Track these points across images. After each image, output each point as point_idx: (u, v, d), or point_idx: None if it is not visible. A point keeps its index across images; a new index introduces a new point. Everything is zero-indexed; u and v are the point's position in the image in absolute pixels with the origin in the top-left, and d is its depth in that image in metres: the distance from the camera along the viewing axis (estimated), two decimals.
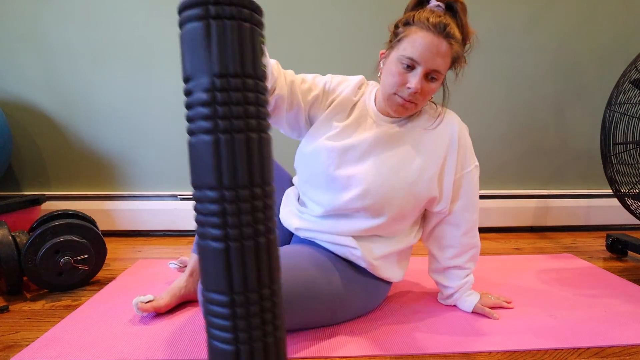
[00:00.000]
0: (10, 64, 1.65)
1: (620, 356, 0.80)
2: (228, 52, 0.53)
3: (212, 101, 0.53)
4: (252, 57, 0.55)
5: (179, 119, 1.69)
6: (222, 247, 0.56)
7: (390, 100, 0.88)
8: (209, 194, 0.55)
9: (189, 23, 0.53)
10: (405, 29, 0.85)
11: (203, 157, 0.55)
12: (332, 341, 0.85)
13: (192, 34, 0.53)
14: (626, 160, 1.26)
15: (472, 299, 0.99)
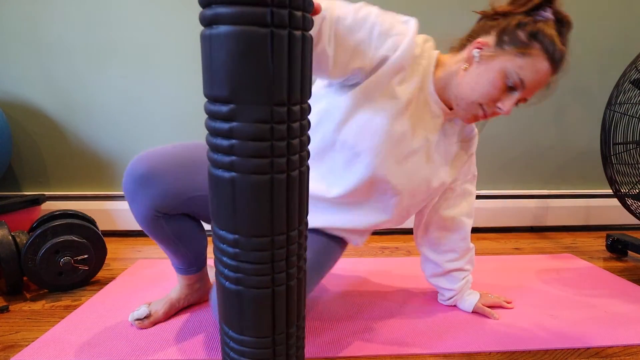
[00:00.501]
0: (10, 64, 1.65)
1: (620, 356, 0.80)
2: (292, 75, 0.42)
3: (269, 136, 0.42)
4: (310, 77, 0.46)
5: (179, 118, 1.69)
6: (268, 293, 0.49)
7: (469, 107, 0.77)
8: (254, 241, 0.47)
9: (234, 25, 0.41)
10: (530, 44, 0.73)
11: (249, 199, 0.45)
12: (332, 341, 0.85)
13: (246, 43, 0.40)
14: (626, 160, 1.26)
15: (472, 298, 0.99)
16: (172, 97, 1.68)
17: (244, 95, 0.41)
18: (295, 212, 0.48)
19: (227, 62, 0.39)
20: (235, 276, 0.49)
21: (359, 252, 1.46)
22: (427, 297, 1.07)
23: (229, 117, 0.43)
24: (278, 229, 0.47)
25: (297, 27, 0.42)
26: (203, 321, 0.93)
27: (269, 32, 0.39)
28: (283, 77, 0.41)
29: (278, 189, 0.45)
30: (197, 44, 1.65)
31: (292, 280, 0.51)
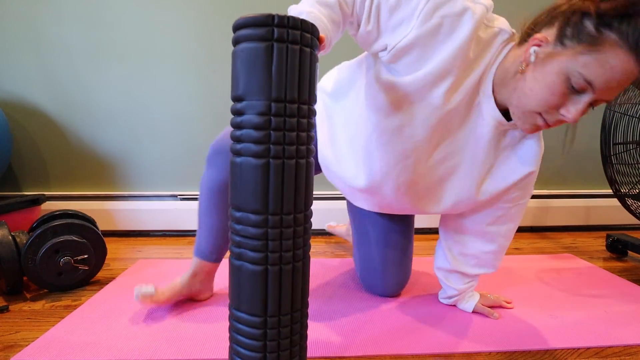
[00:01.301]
0: (10, 64, 1.65)
1: (620, 356, 0.80)
2: (287, 77, 0.52)
3: (267, 126, 0.52)
4: (309, 83, 0.54)
5: (179, 118, 1.69)
6: (260, 270, 0.55)
7: (525, 116, 0.68)
8: (251, 217, 0.54)
9: (248, 43, 0.52)
10: (600, 37, 0.58)
11: (250, 180, 0.53)
12: (332, 341, 0.85)
13: (252, 55, 0.51)
14: (626, 160, 1.26)
15: (472, 299, 0.99)
16: (172, 97, 1.68)
17: (251, 93, 0.51)
18: (290, 197, 0.54)
19: (242, 70, 0.52)
20: (238, 251, 0.56)
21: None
22: (427, 297, 1.07)
23: (240, 112, 0.53)
24: (272, 209, 0.54)
25: (295, 41, 0.52)
26: (203, 321, 0.93)
27: (270, 45, 0.50)
28: (281, 79, 0.51)
29: (275, 172, 0.52)
30: (197, 44, 1.66)
31: (288, 265, 0.56)
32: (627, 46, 0.57)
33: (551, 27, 0.67)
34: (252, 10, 1.62)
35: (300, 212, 0.56)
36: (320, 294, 1.09)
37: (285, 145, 0.53)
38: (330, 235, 1.69)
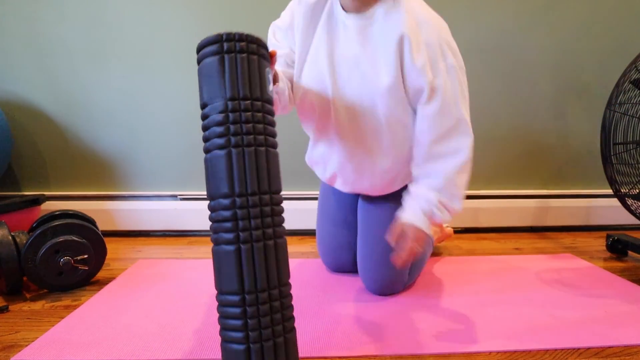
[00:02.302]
0: (10, 64, 1.65)
1: (620, 356, 0.80)
2: (238, 79, 0.62)
3: (226, 121, 0.61)
4: (259, 83, 0.64)
5: (179, 118, 1.69)
6: (233, 249, 0.60)
7: None
8: (222, 202, 0.60)
9: (205, 59, 0.63)
10: None
11: (217, 170, 0.61)
12: (332, 341, 0.85)
13: (208, 68, 0.63)
14: (626, 160, 1.26)
15: (411, 214, 0.91)
16: (172, 97, 1.68)
17: (211, 98, 0.64)
18: (253, 179, 0.62)
19: (204, 81, 0.65)
20: (215, 237, 0.62)
21: None
22: (427, 296, 1.07)
23: (206, 115, 0.65)
24: (238, 191, 0.60)
25: (242, 51, 0.63)
26: (203, 321, 0.93)
27: (222, 57, 0.62)
28: (234, 81, 0.62)
29: (237, 158, 0.60)
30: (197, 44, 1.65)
31: (259, 242, 0.61)
32: None
33: None
34: (251, 10, 1.62)
35: (265, 193, 0.63)
36: (321, 294, 1.09)
37: (243, 135, 0.62)
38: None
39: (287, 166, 1.71)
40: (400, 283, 1.07)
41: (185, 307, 1.00)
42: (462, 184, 0.90)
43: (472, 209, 1.71)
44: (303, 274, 1.23)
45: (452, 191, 0.90)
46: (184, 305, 1.02)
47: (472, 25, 1.66)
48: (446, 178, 0.90)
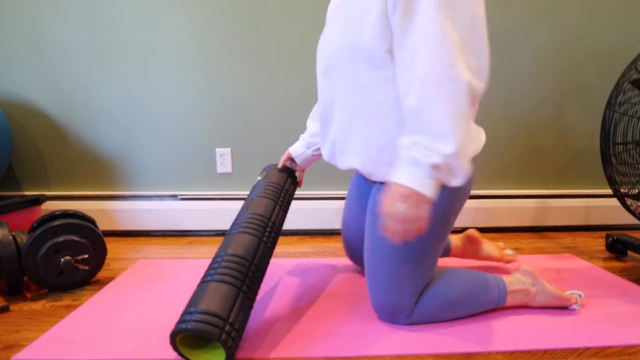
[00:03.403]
0: (10, 64, 1.65)
1: (620, 356, 0.80)
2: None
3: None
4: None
5: (180, 118, 1.69)
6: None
7: None
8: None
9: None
10: None
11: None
12: (332, 341, 0.85)
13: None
14: (626, 160, 1.26)
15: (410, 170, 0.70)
16: (172, 97, 1.68)
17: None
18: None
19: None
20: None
21: None
22: None
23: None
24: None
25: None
26: None
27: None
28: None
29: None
30: (197, 44, 1.66)
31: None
32: None
33: None
34: (251, 10, 1.62)
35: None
36: (322, 294, 1.09)
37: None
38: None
39: None
40: (401, 311, 0.89)
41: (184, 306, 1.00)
42: (435, 109, 0.67)
43: (473, 208, 1.72)
44: (303, 274, 1.23)
45: (424, 125, 0.68)
46: (184, 305, 1.02)
47: None
48: (408, 109, 0.69)
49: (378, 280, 0.89)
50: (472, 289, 0.92)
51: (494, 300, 0.94)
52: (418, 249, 0.87)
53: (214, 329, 0.70)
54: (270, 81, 1.67)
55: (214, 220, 1.69)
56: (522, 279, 0.98)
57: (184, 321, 0.71)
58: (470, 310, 0.93)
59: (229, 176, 1.74)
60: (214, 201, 1.72)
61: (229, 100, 1.68)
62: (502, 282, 0.96)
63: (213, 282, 0.78)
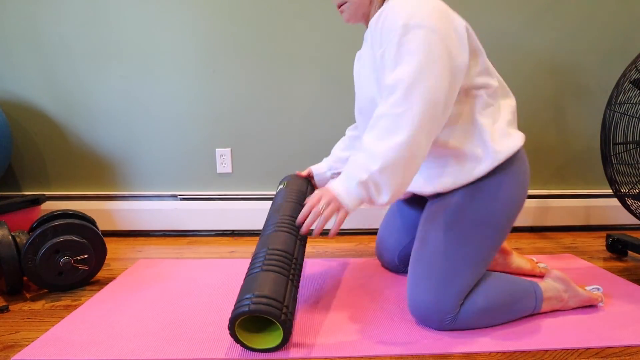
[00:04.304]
0: (10, 64, 1.65)
1: (620, 356, 0.80)
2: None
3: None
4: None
5: (179, 118, 1.69)
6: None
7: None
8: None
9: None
10: None
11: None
12: (332, 341, 0.85)
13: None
14: (626, 160, 1.26)
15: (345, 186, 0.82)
16: (172, 97, 1.68)
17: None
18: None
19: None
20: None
21: (358, 252, 1.46)
22: None
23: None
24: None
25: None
26: (203, 321, 0.93)
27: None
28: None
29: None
30: (197, 44, 1.66)
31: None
32: None
33: None
34: (251, 11, 1.62)
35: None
36: (324, 294, 1.09)
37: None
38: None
39: (292, 168, 1.71)
40: (445, 312, 0.86)
41: (185, 307, 1.00)
42: (381, 141, 0.77)
43: None
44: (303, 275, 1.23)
45: (365, 145, 0.80)
46: (184, 305, 1.02)
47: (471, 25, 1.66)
48: (365, 137, 0.81)
49: (425, 277, 0.88)
50: (514, 295, 0.92)
51: (531, 308, 0.94)
52: (476, 249, 0.88)
53: (275, 310, 0.74)
54: (271, 81, 1.67)
55: (214, 220, 1.69)
56: (555, 285, 0.98)
57: (244, 305, 0.75)
58: (509, 317, 0.92)
59: (229, 176, 1.74)
60: (214, 201, 1.72)
61: (229, 100, 1.68)
62: (539, 288, 0.95)
63: (262, 272, 0.81)
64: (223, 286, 1.14)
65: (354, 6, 0.93)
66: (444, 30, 0.79)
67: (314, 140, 1.71)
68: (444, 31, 0.79)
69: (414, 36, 0.77)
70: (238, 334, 0.79)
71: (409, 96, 0.76)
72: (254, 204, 1.70)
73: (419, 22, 0.77)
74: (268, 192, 1.74)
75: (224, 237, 1.70)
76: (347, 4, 0.93)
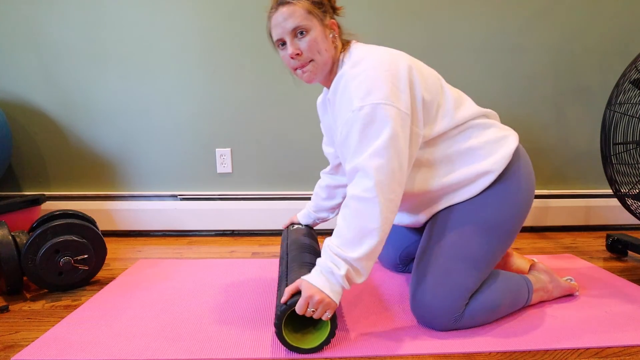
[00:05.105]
0: (10, 64, 1.65)
1: (620, 356, 0.80)
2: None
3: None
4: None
5: (179, 119, 1.69)
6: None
7: (297, 77, 0.94)
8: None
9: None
10: (269, 30, 0.92)
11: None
12: (332, 341, 0.85)
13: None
14: (626, 160, 1.26)
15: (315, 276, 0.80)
16: (172, 97, 1.68)
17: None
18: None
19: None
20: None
21: None
22: None
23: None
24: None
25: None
26: (203, 321, 0.93)
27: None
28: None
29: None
30: (196, 44, 1.66)
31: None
32: (272, 11, 0.90)
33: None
34: (251, 11, 1.62)
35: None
36: None
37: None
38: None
39: (292, 168, 1.71)
40: (449, 313, 0.86)
41: (185, 307, 1.00)
42: (352, 227, 0.80)
43: None
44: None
45: (339, 231, 0.81)
46: (184, 305, 1.02)
47: (472, 25, 1.66)
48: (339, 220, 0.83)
49: (430, 279, 0.88)
50: (512, 291, 0.94)
51: (524, 301, 0.97)
52: (482, 253, 0.89)
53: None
54: (271, 81, 1.67)
55: (214, 220, 1.69)
56: (541, 277, 1.03)
57: (292, 304, 0.78)
58: (506, 312, 0.94)
59: (229, 176, 1.74)
60: (214, 201, 1.72)
61: (229, 100, 1.68)
62: (529, 282, 0.99)
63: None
64: (223, 286, 1.14)
65: (316, 67, 0.90)
66: (398, 105, 0.81)
67: (314, 140, 1.71)
68: (398, 106, 0.81)
69: (372, 121, 0.80)
70: (285, 334, 0.80)
71: (376, 185, 0.78)
72: (254, 204, 1.70)
73: (374, 104, 0.80)
74: (268, 192, 1.74)
75: (224, 237, 1.70)
76: (311, 63, 0.89)
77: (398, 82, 0.83)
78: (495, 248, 0.91)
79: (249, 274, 1.24)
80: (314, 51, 0.88)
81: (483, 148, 0.91)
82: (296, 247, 1.05)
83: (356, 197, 0.80)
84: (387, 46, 0.92)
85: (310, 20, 0.87)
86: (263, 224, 1.69)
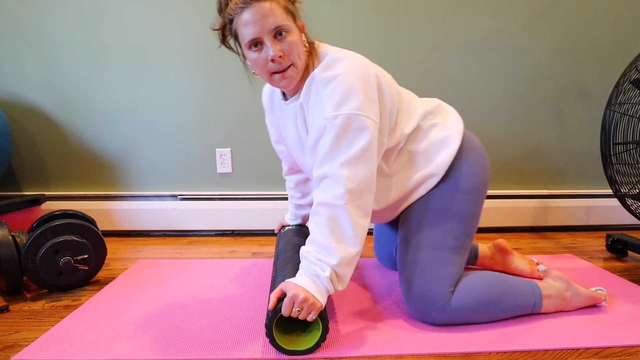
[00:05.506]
0: (10, 64, 1.65)
1: (620, 356, 0.80)
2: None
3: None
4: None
5: (179, 118, 1.69)
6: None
7: (273, 82, 0.87)
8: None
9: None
10: (232, 26, 0.83)
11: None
12: (332, 341, 0.85)
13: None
14: (626, 160, 1.26)
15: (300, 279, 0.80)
16: (171, 97, 1.68)
17: None
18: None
19: None
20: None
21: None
22: None
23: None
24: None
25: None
26: (203, 321, 0.93)
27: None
28: None
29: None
30: (196, 44, 1.66)
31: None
32: (241, 9, 0.79)
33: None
34: None
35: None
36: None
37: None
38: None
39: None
40: (436, 301, 0.88)
41: (185, 307, 1.00)
42: (328, 230, 0.79)
43: None
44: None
45: (314, 238, 0.81)
46: (184, 305, 1.02)
47: (472, 25, 1.66)
48: (313, 223, 0.82)
49: (411, 270, 0.92)
50: (505, 287, 0.92)
51: (530, 304, 0.94)
52: (451, 237, 0.93)
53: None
54: None
55: (214, 220, 1.69)
56: (555, 284, 0.98)
57: (279, 310, 0.77)
58: (506, 312, 0.92)
59: (229, 176, 1.74)
60: (214, 201, 1.72)
61: (229, 100, 1.68)
62: (536, 286, 0.95)
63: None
64: (223, 286, 1.14)
65: (296, 72, 0.85)
66: (370, 115, 0.82)
67: None
68: (371, 116, 0.82)
69: (346, 131, 0.80)
70: (276, 336, 0.80)
71: (346, 193, 0.79)
72: (253, 204, 1.70)
73: (349, 115, 0.80)
74: (268, 192, 1.74)
75: (224, 237, 1.70)
76: (291, 67, 0.83)
77: (370, 91, 0.83)
78: (463, 231, 0.94)
79: (249, 274, 1.24)
80: (294, 54, 0.82)
81: (427, 152, 0.95)
82: (288, 248, 1.05)
83: (325, 203, 0.80)
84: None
85: (289, 20, 0.82)
86: (263, 224, 1.69)
